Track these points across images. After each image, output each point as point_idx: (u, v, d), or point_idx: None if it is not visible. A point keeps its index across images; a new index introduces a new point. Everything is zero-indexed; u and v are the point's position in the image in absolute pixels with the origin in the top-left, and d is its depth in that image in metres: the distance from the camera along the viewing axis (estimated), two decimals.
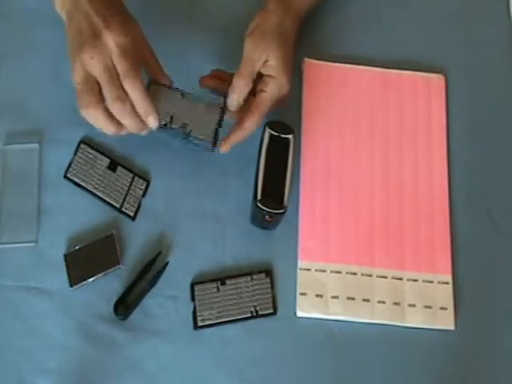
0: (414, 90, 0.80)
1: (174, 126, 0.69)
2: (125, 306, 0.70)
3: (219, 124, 0.70)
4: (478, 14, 0.85)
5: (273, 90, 0.70)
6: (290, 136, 0.69)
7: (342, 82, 0.80)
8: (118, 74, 0.64)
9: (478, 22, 0.85)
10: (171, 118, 0.69)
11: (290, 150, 0.68)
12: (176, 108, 0.69)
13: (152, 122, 0.67)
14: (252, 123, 0.70)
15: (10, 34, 0.79)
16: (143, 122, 0.67)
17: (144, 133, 0.69)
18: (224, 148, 0.71)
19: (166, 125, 0.69)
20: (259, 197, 0.67)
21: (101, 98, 0.64)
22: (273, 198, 0.67)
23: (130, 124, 0.67)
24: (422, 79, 0.80)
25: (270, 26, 0.72)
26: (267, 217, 0.68)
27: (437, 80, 0.81)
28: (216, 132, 0.70)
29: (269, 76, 0.71)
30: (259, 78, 0.71)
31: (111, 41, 0.63)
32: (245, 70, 0.70)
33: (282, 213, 0.67)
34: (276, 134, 0.69)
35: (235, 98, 0.71)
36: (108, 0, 0.66)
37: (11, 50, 0.79)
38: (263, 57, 0.70)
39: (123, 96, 0.64)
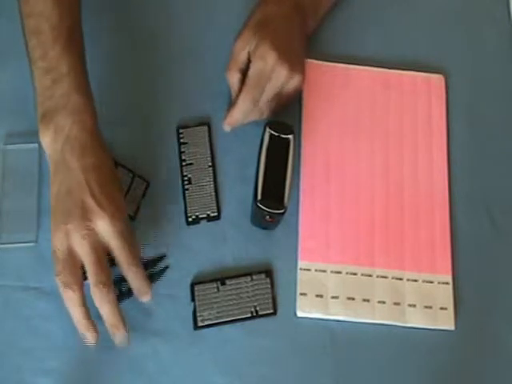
0: (414, 90, 0.80)
1: None
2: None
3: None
4: (478, 14, 0.85)
5: (256, 66, 0.70)
6: (290, 136, 0.69)
7: (342, 82, 0.80)
8: (106, 260, 0.62)
9: (478, 22, 0.85)
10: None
11: (290, 150, 0.68)
12: None
13: (146, 300, 0.65)
14: (241, 100, 0.71)
15: (10, 34, 0.79)
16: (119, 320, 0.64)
17: (116, 336, 0.64)
18: (226, 128, 0.73)
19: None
20: (259, 197, 0.67)
21: (82, 281, 0.61)
22: (273, 198, 0.67)
23: (107, 313, 0.63)
24: (422, 79, 0.81)
25: (256, 16, 0.72)
26: (267, 217, 0.68)
27: (437, 80, 0.81)
28: None
29: (254, 56, 0.70)
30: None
31: (107, 227, 0.61)
32: (229, 63, 0.72)
33: (282, 213, 0.67)
34: (276, 134, 0.69)
35: (233, 92, 0.73)
36: (104, 174, 0.63)
37: (11, 50, 0.78)
38: (246, 46, 0.71)
39: (108, 282, 0.61)
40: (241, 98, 0.71)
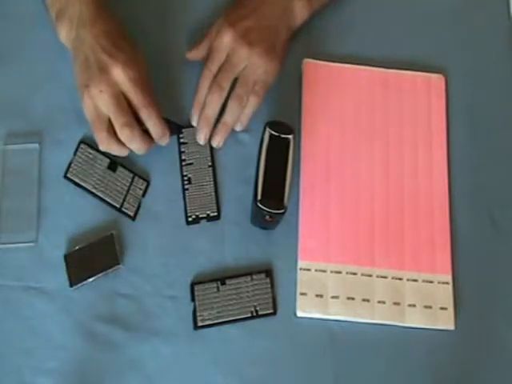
0: (414, 90, 0.80)
1: None
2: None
3: None
4: (478, 14, 0.85)
5: (214, 43, 0.72)
6: (290, 136, 0.69)
7: (341, 82, 0.80)
8: (126, 104, 0.68)
9: (478, 22, 0.84)
10: None
11: (290, 150, 0.68)
12: None
13: (164, 143, 0.72)
14: (200, 81, 0.73)
15: (10, 34, 0.79)
16: (150, 144, 0.71)
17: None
18: (199, 137, 0.74)
19: None
20: (259, 197, 0.67)
21: (113, 132, 0.69)
22: (273, 198, 0.67)
23: (137, 147, 0.70)
24: (422, 79, 0.80)
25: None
26: (267, 217, 0.68)
27: (437, 80, 0.81)
28: None
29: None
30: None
31: (121, 74, 0.66)
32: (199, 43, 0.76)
33: (282, 213, 0.67)
34: (276, 134, 0.69)
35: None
36: (113, 35, 0.69)
37: (11, 50, 0.79)
38: (214, 29, 0.74)
39: (131, 122, 0.68)
40: (200, 79, 0.73)
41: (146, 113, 0.69)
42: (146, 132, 0.71)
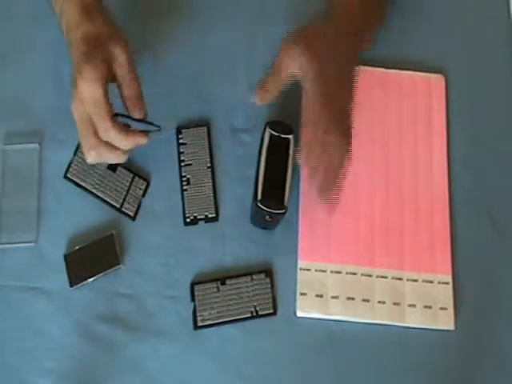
0: (414, 90, 0.80)
1: None
2: None
3: None
4: (477, 14, 0.85)
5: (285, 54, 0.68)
6: (290, 136, 0.69)
7: None
8: (91, 124, 0.65)
9: (478, 22, 0.85)
10: None
11: (291, 150, 0.68)
12: None
13: (143, 143, 0.68)
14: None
15: (11, 34, 0.79)
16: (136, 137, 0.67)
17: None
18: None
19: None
20: (259, 197, 0.67)
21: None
22: (273, 198, 0.67)
23: (125, 145, 0.67)
24: (421, 79, 0.80)
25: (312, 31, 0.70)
26: (267, 217, 0.68)
27: (437, 80, 0.81)
28: None
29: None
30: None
31: (84, 90, 0.63)
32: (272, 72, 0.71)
33: (283, 213, 0.67)
34: (276, 134, 0.69)
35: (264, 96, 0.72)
36: (93, 39, 0.65)
37: (11, 50, 0.79)
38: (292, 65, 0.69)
39: (93, 146, 0.65)
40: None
41: (106, 136, 0.65)
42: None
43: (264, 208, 0.67)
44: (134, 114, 0.68)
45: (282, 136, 0.69)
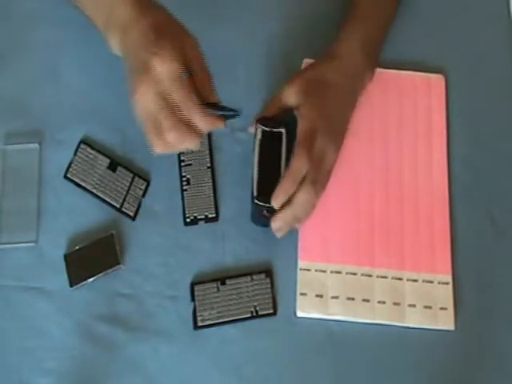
0: (414, 90, 0.80)
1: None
2: None
3: None
4: (478, 14, 0.85)
5: (305, 125, 0.69)
6: (282, 129, 0.69)
7: None
8: (171, 103, 0.62)
9: (478, 22, 0.85)
10: None
11: (283, 143, 0.68)
12: None
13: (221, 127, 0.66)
14: (296, 156, 0.68)
15: (10, 34, 0.79)
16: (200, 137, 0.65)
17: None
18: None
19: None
20: (255, 193, 0.67)
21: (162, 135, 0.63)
22: (269, 192, 0.67)
23: (187, 147, 0.64)
24: (421, 79, 0.80)
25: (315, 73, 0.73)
26: (265, 212, 0.68)
27: (437, 80, 0.81)
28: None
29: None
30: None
31: (162, 72, 0.61)
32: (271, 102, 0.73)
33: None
34: (268, 129, 0.68)
35: None
36: (158, 29, 0.64)
37: (11, 50, 0.79)
38: (294, 98, 0.71)
39: (176, 124, 0.62)
40: (296, 156, 0.68)
41: (188, 113, 0.62)
42: None
43: (261, 203, 0.67)
44: (210, 99, 0.65)
45: (274, 130, 0.68)
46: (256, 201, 0.67)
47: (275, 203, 0.67)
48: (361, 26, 0.76)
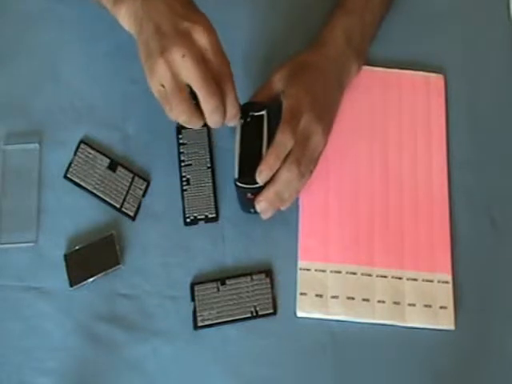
0: (414, 89, 0.80)
1: None
2: None
3: None
4: (477, 14, 0.85)
5: (289, 103, 0.69)
6: (263, 112, 0.68)
7: None
8: (209, 72, 0.61)
9: (478, 22, 0.85)
10: None
11: (264, 125, 0.68)
12: None
13: (233, 123, 0.66)
14: (279, 133, 0.67)
15: (10, 33, 0.79)
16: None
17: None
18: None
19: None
20: (236, 175, 0.67)
21: (194, 106, 0.62)
22: (251, 174, 0.66)
23: (217, 121, 0.64)
24: (421, 79, 0.80)
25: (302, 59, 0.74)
26: (249, 194, 0.68)
27: (436, 80, 0.81)
28: None
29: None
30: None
31: (204, 38, 0.60)
32: (261, 89, 0.74)
33: (262, 187, 0.67)
34: (250, 113, 0.68)
35: None
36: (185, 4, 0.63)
37: (11, 50, 0.79)
38: (281, 82, 0.72)
39: (217, 91, 0.61)
40: (280, 131, 0.67)
41: (229, 84, 0.62)
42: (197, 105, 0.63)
43: (243, 186, 0.66)
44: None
45: (256, 114, 0.68)
46: (238, 183, 0.66)
47: (259, 179, 0.66)
48: (345, 19, 0.77)
